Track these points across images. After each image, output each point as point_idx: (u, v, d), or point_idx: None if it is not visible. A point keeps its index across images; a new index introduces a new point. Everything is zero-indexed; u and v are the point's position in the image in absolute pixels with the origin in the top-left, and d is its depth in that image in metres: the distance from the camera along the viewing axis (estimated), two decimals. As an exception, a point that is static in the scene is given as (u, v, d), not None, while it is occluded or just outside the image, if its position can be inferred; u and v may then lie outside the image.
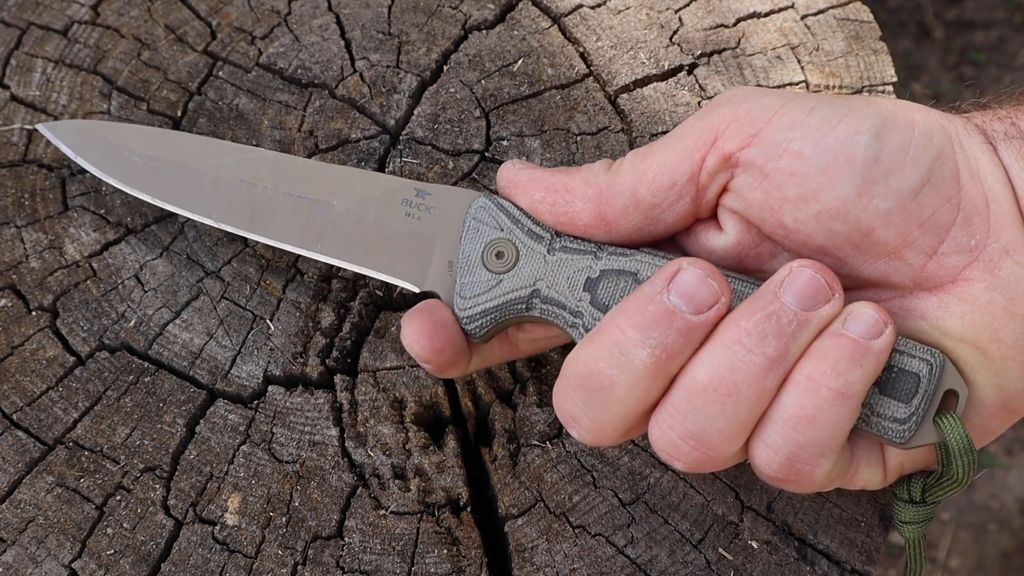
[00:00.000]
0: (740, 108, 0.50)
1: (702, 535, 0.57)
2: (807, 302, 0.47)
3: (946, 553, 1.57)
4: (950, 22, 2.01)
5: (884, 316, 0.47)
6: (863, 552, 0.57)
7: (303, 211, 0.56)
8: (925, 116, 0.49)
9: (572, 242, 0.52)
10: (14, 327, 0.61)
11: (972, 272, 0.48)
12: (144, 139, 0.60)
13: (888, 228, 0.48)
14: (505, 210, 0.54)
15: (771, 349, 0.46)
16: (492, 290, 0.53)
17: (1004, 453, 1.67)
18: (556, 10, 0.72)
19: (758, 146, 0.49)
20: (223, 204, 0.58)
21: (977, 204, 0.48)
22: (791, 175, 0.48)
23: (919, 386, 0.48)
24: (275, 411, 0.59)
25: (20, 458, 0.57)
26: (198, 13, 0.71)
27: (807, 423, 0.47)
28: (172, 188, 0.59)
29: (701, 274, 0.47)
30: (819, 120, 0.48)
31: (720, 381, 0.46)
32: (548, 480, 0.58)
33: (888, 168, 0.47)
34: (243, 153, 0.59)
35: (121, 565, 0.55)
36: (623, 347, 0.47)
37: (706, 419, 0.47)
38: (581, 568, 0.56)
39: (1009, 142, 0.49)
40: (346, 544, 0.56)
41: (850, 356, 0.46)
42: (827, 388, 0.46)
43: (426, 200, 0.55)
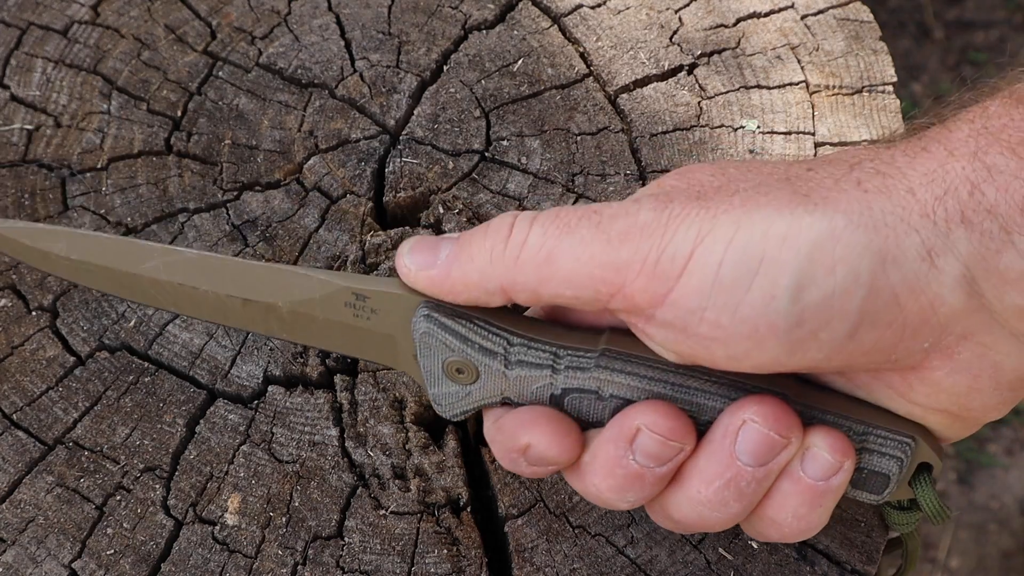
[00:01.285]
0: (649, 257, 0.45)
1: (702, 535, 0.57)
2: (763, 458, 0.47)
3: (946, 553, 1.57)
4: (950, 22, 2.01)
5: (841, 454, 0.47)
6: (863, 552, 0.57)
7: (256, 309, 0.54)
8: (848, 247, 0.43)
9: (527, 353, 0.49)
10: (14, 327, 0.61)
11: (932, 362, 0.46)
12: (63, 243, 0.56)
13: (831, 363, 0.46)
14: (451, 330, 0.50)
15: (734, 509, 0.48)
16: (465, 399, 0.52)
17: (1004, 453, 1.67)
18: (556, 10, 0.72)
19: (671, 310, 0.45)
20: (174, 301, 0.55)
21: (924, 315, 0.44)
22: (714, 340, 0.45)
23: (889, 482, 0.50)
24: (275, 411, 0.59)
25: (20, 458, 0.57)
26: (198, 13, 0.71)
27: (779, 538, 0.50)
28: (120, 285, 0.55)
29: (660, 439, 0.47)
30: (729, 284, 0.44)
31: (692, 524, 0.50)
32: (548, 480, 0.58)
33: (814, 327, 0.44)
34: (166, 256, 0.54)
35: (121, 565, 0.55)
36: (603, 499, 0.50)
37: (688, 529, 0.51)
38: (581, 568, 0.56)
39: (968, 225, 0.43)
40: (346, 544, 0.56)
41: (809, 501, 0.48)
42: (791, 528, 0.49)
43: (368, 303, 0.52)
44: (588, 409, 0.50)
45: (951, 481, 1.65)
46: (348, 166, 0.66)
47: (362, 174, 0.66)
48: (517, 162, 0.66)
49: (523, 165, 0.66)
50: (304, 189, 0.65)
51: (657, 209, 0.46)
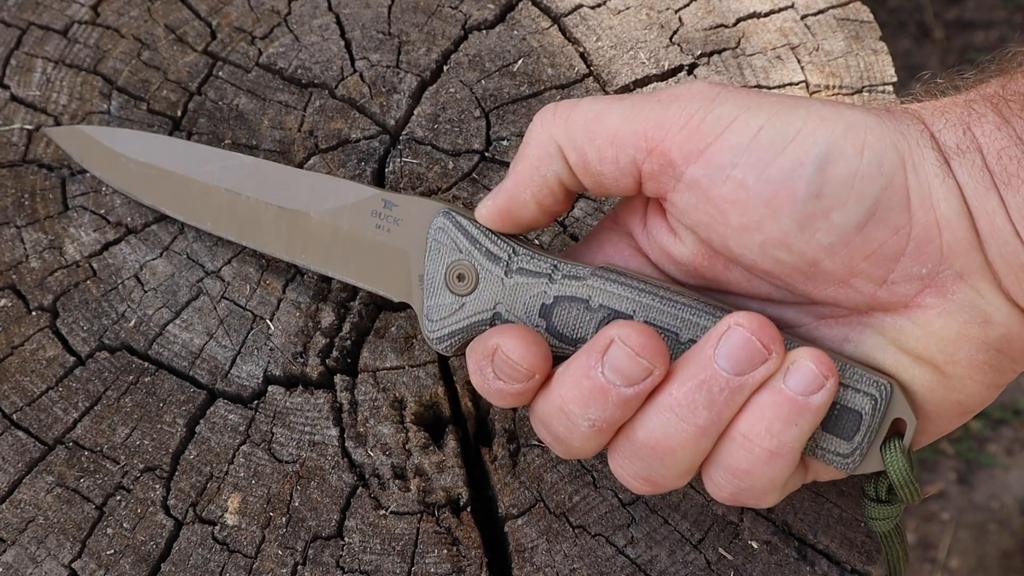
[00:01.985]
0: (696, 115, 0.48)
1: (702, 535, 0.57)
2: (741, 366, 0.47)
3: (946, 553, 1.57)
4: (950, 22, 2.01)
5: (825, 368, 0.47)
6: (863, 552, 0.57)
7: (285, 221, 0.57)
8: (878, 137, 0.46)
9: (529, 261, 0.52)
10: (14, 327, 0.61)
11: (925, 298, 0.47)
12: (136, 145, 0.61)
13: (833, 260, 0.47)
14: (463, 229, 0.53)
15: (701, 419, 0.47)
16: (456, 313, 0.53)
17: (1004, 453, 1.67)
18: (556, 10, 0.72)
19: (703, 166, 0.47)
20: (214, 212, 0.59)
21: (929, 233, 0.46)
22: (733, 203, 0.47)
23: (861, 423, 0.48)
24: (275, 411, 0.59)
25: (20, 458, 0.57)
26: (198, 13, 0.71)
27: (744, 474, 0.48)
28: (168, 195, 0.61)
29: (630, 352, 0.47)
30: (766, 144, 0.46)
31: (656, 443, 0.48)
32: (548, 480, 0.58)
33: (830, 204, 0.46)
34: (224, 160, 0.59)
35: (121, 565, 0.55)
36: (567, 414, 0.49)
37: (650, 467, 0.49)
38: (581, 568, 0.56)
39: (963, 157, 0.47)
40: (346, 544, 0.56)
41: (785, 415, 0.47)
42: (760, 448, 0.47)
43: (393, 212, 0.55)
44: (575, 321, 0.51)
45: (951, 481, 1.65)
46: (348, 166, 0.66)
47: (362, 174, 0.66)
48: (517, 162, 0.66)
49: (523, 165, 0.66)
50: (304, 189, 0.65)
51: (708, 85, 0.49)
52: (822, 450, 0.49)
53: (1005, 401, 1.70)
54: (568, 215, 0.64)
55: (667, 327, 0.50)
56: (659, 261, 0.52)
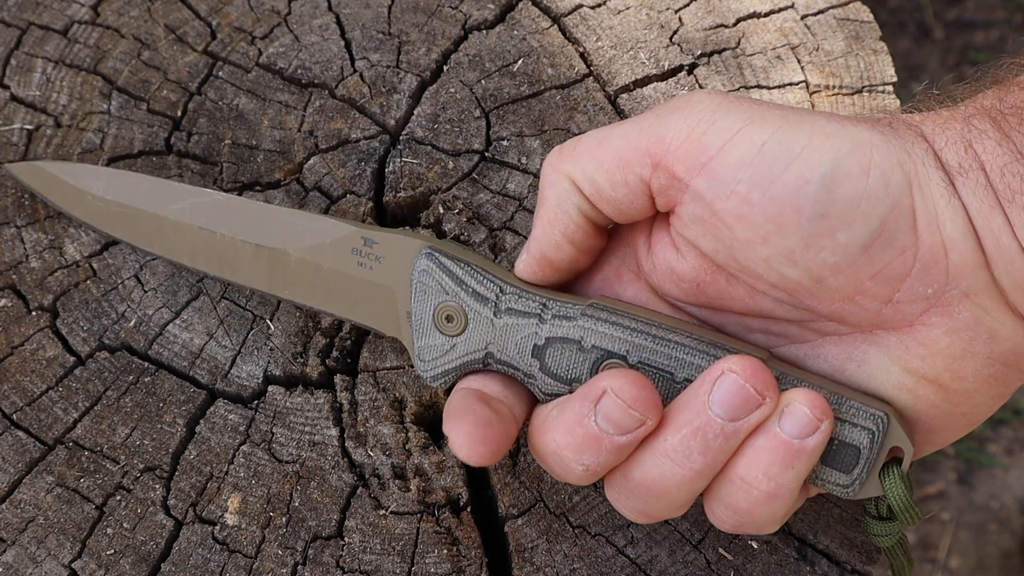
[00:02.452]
0: (697, 127, 0.47)
1: (702, 535, 0.57)
2: (735, 412, 0.47)
3: (946, 553, 1.57)
4: (950, 22, 2.01)
5: (819, 411, 0.47)
6: (863, 552, 0.57)
7: (263, 259, 0.57)
8: (884, 156, 0.46)
9: (517, 301, 0.51)
10: (14, 327, 0.61)
11: (930, 317, 0.47)
12: (101, 181, 0.60)
13: (838, 278, 0.47)
14: (448, 271, 0.52)
15: (697, 464, 0.47)
16: (448, 353, 0.53)
17: (1004, 453, 1.67)
18: (556, 10, 0.72)
19: (706, 179, 0.47)
20: (189, 249, 0.58)
21: (935, 254, 0.46)
22: (738, 218, 0.46)
23: (860, 457, 0.49)
24: (275, 411, 0.59)
25: (20, 458, 0.57)
26: (198, 13, 0.71)
27: (745, 513, 0.48)
28: (139, 232, 0.59)
29: (623, 405, 0.47)
30: (770, 159, 0.46)
31: (651, 483, 0.48)
32: (548, 480, 0.58)
33: (835, 224, 0.45)
34: (194, 196, 0.58)
35: (121, 565, 0.55)
36: (561, 459, 0.49)
37: (645, 503, 0.50)
38: (581, 568, 0.56)
39: (966, 176, 0.46)
40: (346, 544, 0.56)
41: (782, 459, 0.47)
42: (759, 491, 0.48)
43: (374, 249, 0.54)
44: (569, 362, 0.51)
45: (951, 481, 1.65)
46: (348, 166, 0.66)
47: (362, 174, 0.66)
48: (517, 162, 0.66)
49: (523, 165, 0.66)
50: (304, 189, 0.65)
51: (711, 94, 0.48)
52: (822, 480, 0.50)
53: (1005, 402, 1.70)
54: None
55: (661, 367, 0.49)
56: (660, 281, 0.52)
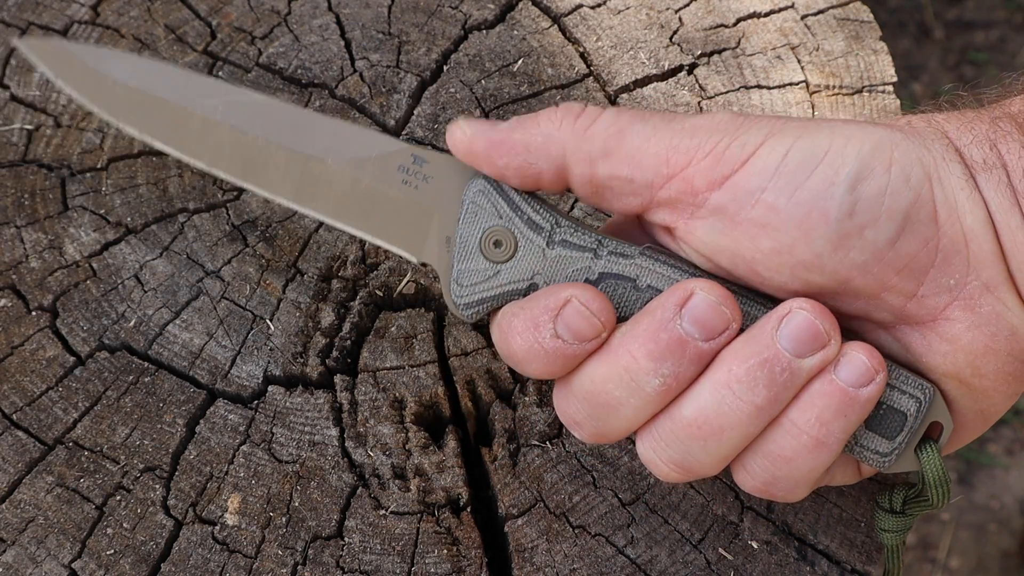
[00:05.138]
0: (721, 143, 0.47)
1: (702, 535, 0.57)
2: (803, 347, 0.47)
3: (946, 553, 1.57)
4: (950, 22, 2.01)
5: (876, 362, 0.47)
6: (863, 552, 0.57)
7: (297, 166, 0.53)
8: (904, 153, 0.47)
9: (572, 234, 0.50)
10: (14, 327, 0.61)
11: (953, 311, 0.48)
12: (126, 67, 0.55)
13: (866, 277, 0.47)
14: (505, 195, 0.51)
15: (760, 399, 0.47)
16: (489, 280, 0.51)
17: (1004, 453, 1.67)
18: (556, 10, 0.72)
19: (729, 191, 0.47)
20: (213, 148, 0.54)
21: (956, 244, 0.47)
22: (764, 227, 0.47)
23: (905, 424, 0.49)
24: (275, 411, 0.59)
25: (20, 458, 0.57)
26: (198, 13, 0.71)
27: (785, 462, 0.48)
28: (159, 125, 0.54)
29: (715, 301, 0.47)
30: (794, 166, 0.46)
31: (705, 421, 0.47)
32: (548, 480, 0.58)
33: (863, 221, 0.46)
34: (231, 96, 0.54)
35: (121, 565, 0.55)
36: (634, 374, 0.47)
37: (688, 451, 0.48)
38: (581, 568, 0.56)
39: (989, 172, 0.47)
40: (346, 544, 0.56)
41: (836, 406, 0.47)
42: (808, 436, 0.47)
43: (423, 168, 0.52)
44: (621, 299, 0.50)
45: (951, 481, 1.65)
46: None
47: (362, 174, 0.66)
48: (517, 162, 0.66)
49: (523, 165, 0.66)
50: (304, 189, 0.65)
51: (731, 115, 0.48)
52: (861, 447, 0.49)
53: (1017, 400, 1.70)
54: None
55: None
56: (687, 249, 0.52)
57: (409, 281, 0.63)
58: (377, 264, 0.63)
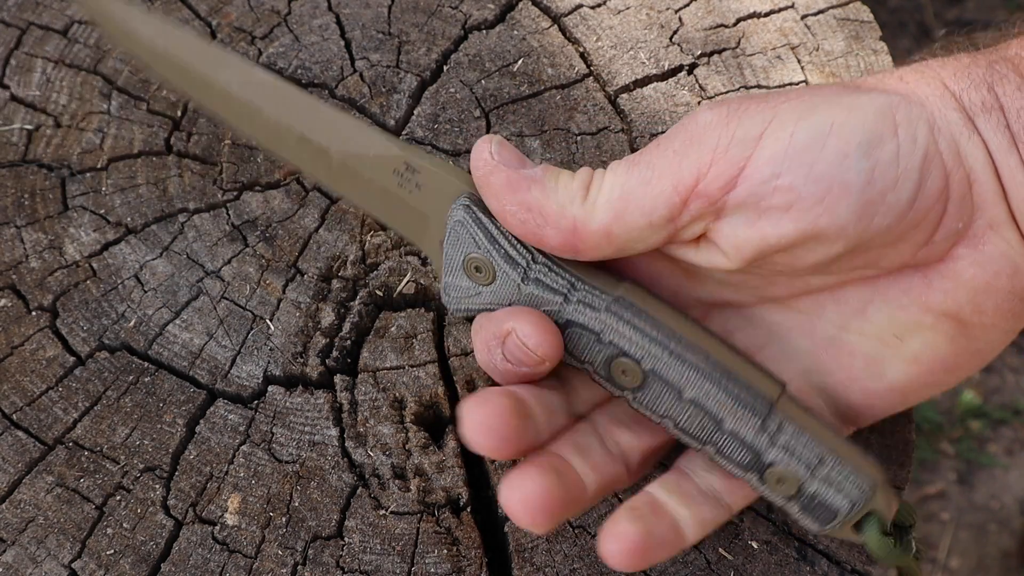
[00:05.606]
0: (719, 145, 0.47)
1: (702, 535, 0.57)
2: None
3: (946, 553, 1.57)
4: (950, 22, 2.01)
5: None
6: (863, 552, 0.57)
7: (306, 149, 0.55)
8: (905, 114, 0.47)
9: (546, 275, 0.50)
10: (14, 327, 0.61)
11: (958, 250, 0.49)
12: (153, 31, 0.57)
13: (887, 237, 0.48)
14: (483, 228, 0.51)
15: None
16: (473, 297, 0.52)
17: (1004, 453, 1.67)
18: (556, 10, 0.72)
19: (745, 186, 0.47)
20: (235, 112, 0.56)
21: (962, 188, 0.48)
22: (787, 210, 0.47)
23: (835, 518, 0.49)
24: (275, 411, 0.59)
25: (20, 458, 0.57)
26: (198, 13, 0.71)
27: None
28: (186, 84, 0.57)
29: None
30: (803, 146, 0.46)
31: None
32: (548, 480, 0.58)
33: (883, 187, 0.46)
34: (243, 75, 0.56)
35: (121, 565, 0.55)
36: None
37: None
38: (581, 568, 0.56)
39: (987, 115, 0.48)
40: (346, 544, 0.56)
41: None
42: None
43: (415, 177, 0.53)
44: (584, 347, 0.50)
45: (951, 481, 1.65)
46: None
47: (362, 174, 0.66)
48: (517, 162, 0.66)
49: (523, 165, 0.66)
50: (304, 189, 0.65)
51: (715, 109, 0.48)
52: (797, 519, 0.51)
53: (1005, 401, 1.70)
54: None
55: (671, 382, 0.49)
56: (699, 280, 0.53)
57: (409, 281, 0.63)
58: (377, 264, 0.63)
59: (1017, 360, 1.74)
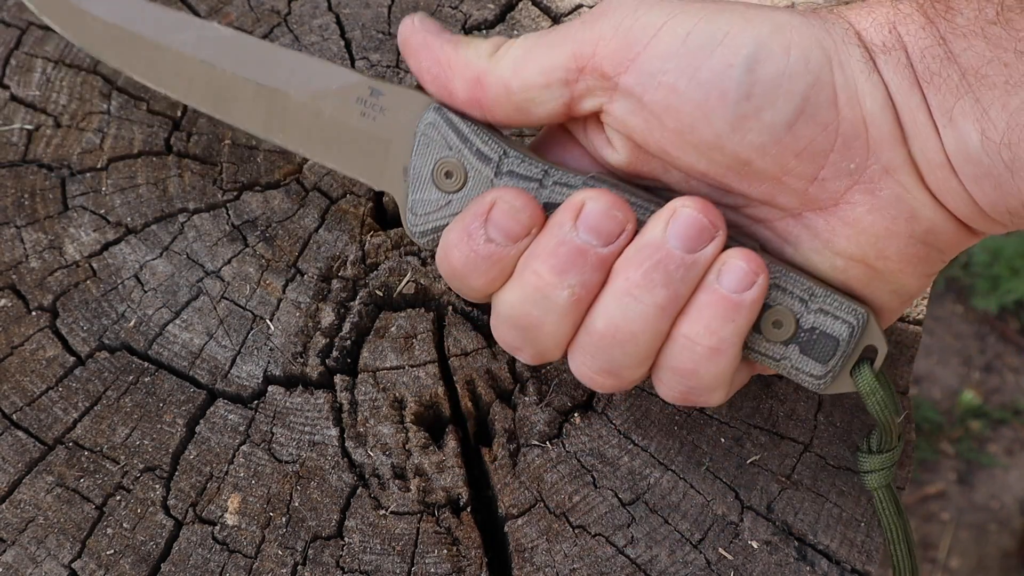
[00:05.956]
0: (622, 25, 0.49)
1: (702, 535, 0.57)
2: (691, 244, 0.49)
3: (946, 553, 1.58)
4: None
5: (755, 266, 0.49)
6: (863, 552, 0.57)
7: (263, 98, 0.56)
8: (803, 36, 0.48)
9: (519, 165, 0.52)
10: (14, 327, 0.61)
11: (854, 195, 0.49)
12: (106, 4, 0.58)
13: (764, 159, 0.49)
14: (454, 127, 0.53)
15: (660, 298, 0.49)
16: (442, 209, 0.53)
17: (1004, 453, 1.67)
18: (556, 10, 0.72)
19: (634, 74, 0.49)
20: (186, 82, 0.57)
21: (856, 128, 0.48)
22: (667, 108, 0.48)
23: (837, 348, 0.51)
24: (275, 411, 0.59)
25: (20, 458, 0.57)
26: (198, 13, 0.71)
27: (690, 374, 0.50)
28: (136, 60, 0.58)
29: (605, 207, 0.49)
30: (694, 48, 0.48)
31: (617, 329, 0.50)
32: (548, 480, 0.58)
33: (760, 103, 0.47)
34: (202, 31, 0.57)
35: (121, 565, 0.55)
36: (544, 291, 0.50)
37: (611, 359, 0.51)
38: (581, 568, 0.56)
39: (888, 54, 0.48)
40: (346, 544, 0.56)
41: (722, 313, 0.49)
42: (702, 346, 0.49)
43: (380, 100, 0.54)
44: None
45: (951, 481, 1.65)
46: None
47: (362, 174, 0.66)
48: (517, 162, 0.66)
49: (523, 165, 0.66)
50: (304, 189, 0.65)
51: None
52: (796, 370, 0.52)
53: (1005, 401, 1.70)
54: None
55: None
56: (602, 164, 0.54)
57: (409, 281, 0.63)
58: (377, 264, 0.63)
59: (1017, 360, 1.75)
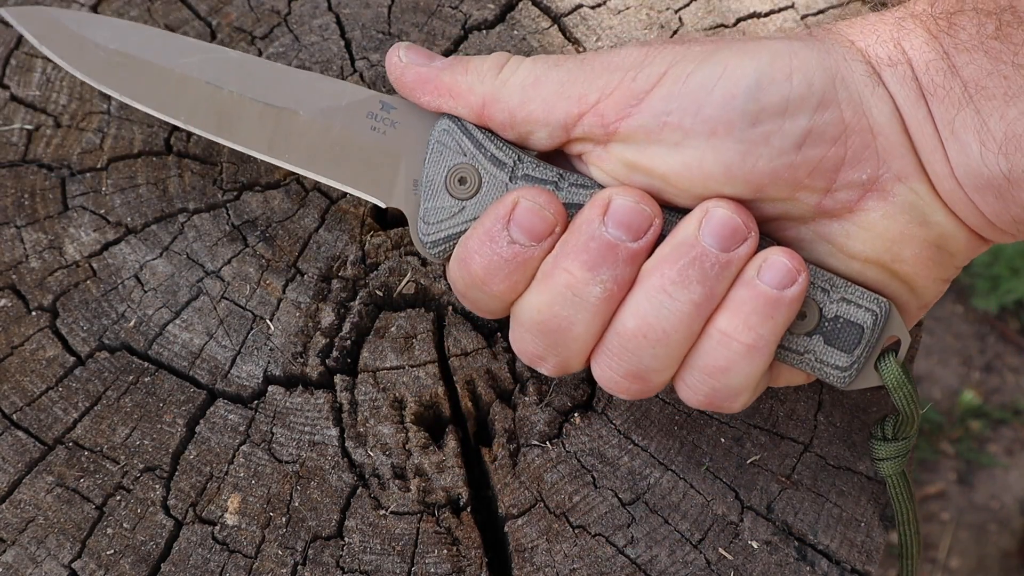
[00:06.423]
0: (627, 76, 0.50)
1: (702, 535, 0.57)
2: (726, 243, 0.49)
3: (946, 553, 1.57)
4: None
5: (797, 264, 0.49)
6: (863, 552, 0.57)
7: (270, 118, 0.56)
8: (804, 60, 0.49)
9: (535, 169, 0.53)
10: (14, 327, 0.61)
11: (867, 202, 0.50)
12: (107, 31, 0.59)
13: (776, 183, 0.49)
14: (469, 134, 0.53)
15: (696, 295, 0.49)
16: (455, 216, 0.53)
17: (1004, 453, 1.67)
18: (556, 10, 0.72)
19: (638, 118, 0.49)
20: (189, 105, 0.57)
21: (864, 139, 0.49)
22: (675, 145, 0.49)
23: (862, 337, 0.51)
24: (275, 411, 0.59)
25: (20, 458, 0.57)
26: (198, 13, 0.71)
27: (721, 373, 0.50)
28: (138, 85, 0.58)
29: (633, 201, 0.50)
30: (696, 87, 0.49)
31: (650, 328, 0.49)
32: (548, 480, 0.58)
33: (767, 130, 0.48)
34: (208, 53, 0.57)
35: (121, 565, 0.55)
36: (576, 288, 0.50)
37: (640, 360, 0.50)
38: (581, 568, 0.56)
39: (893, 68, 0.49)
40: (346, 544, 0.56)
41: (762, 309, 0.49)
42: (739, 343, 0.49)
43: (391, 115, 0.55)
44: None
45: (951, 481, 1.65)
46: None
47: (362, 174, 0.66)
48: (517, 162, 0.66)
49: (523, 165, 0.66)
50: (304, 189, 0.65)
51: (638, 47, 0.51)
52: (821, 363, 0.52)
53: (1005, 401, 1.70)
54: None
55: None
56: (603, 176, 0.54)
57: (409, 281, 0.63)
58: (377, 264, 0.63)
59: (1017, 360, 1.75)
